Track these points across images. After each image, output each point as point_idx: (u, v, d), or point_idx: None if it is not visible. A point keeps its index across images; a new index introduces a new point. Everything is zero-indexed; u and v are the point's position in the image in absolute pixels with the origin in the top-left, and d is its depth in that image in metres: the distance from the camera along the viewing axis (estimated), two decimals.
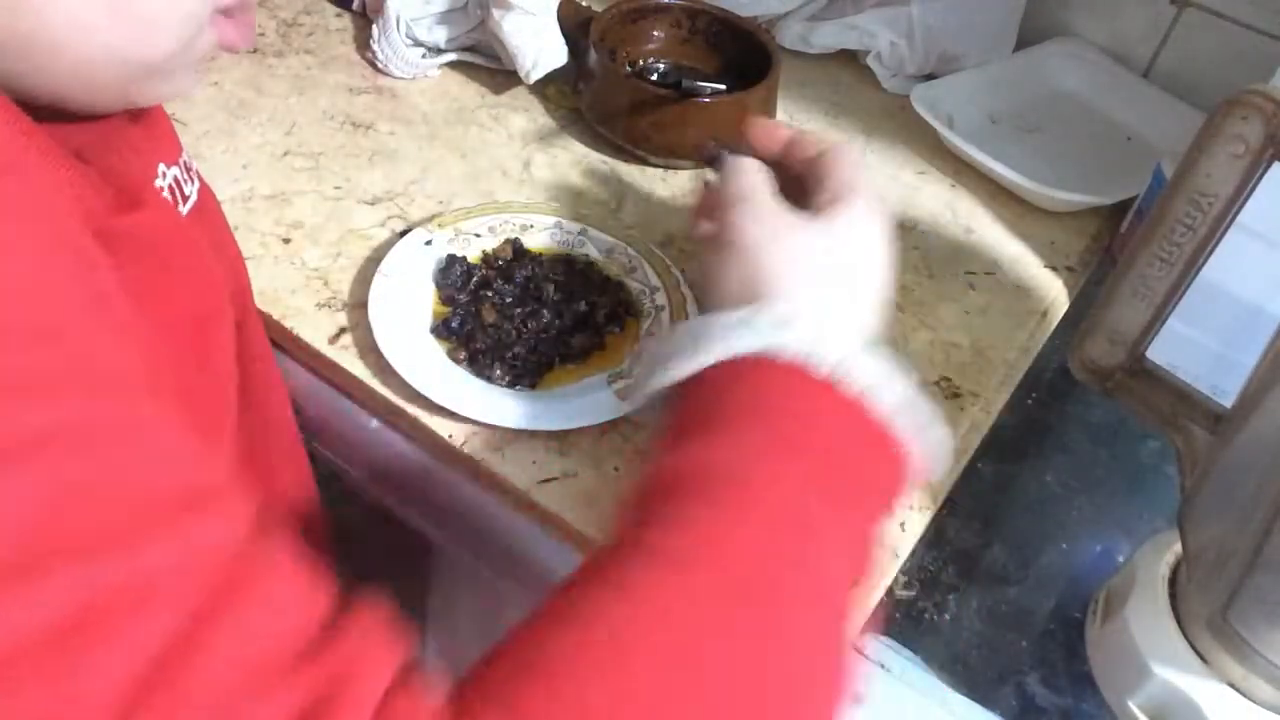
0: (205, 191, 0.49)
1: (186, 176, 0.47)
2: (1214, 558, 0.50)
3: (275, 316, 0.64)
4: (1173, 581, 0.55)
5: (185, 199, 0.46)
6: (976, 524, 0.65)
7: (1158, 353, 0.55)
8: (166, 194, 0.45)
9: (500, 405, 0.58)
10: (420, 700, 0.30)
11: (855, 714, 0.55)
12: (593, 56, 0.80)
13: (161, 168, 0.45)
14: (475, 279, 0.65)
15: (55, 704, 0.26)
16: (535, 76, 0.80)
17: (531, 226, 0.69)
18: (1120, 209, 0.80)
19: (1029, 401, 0.72)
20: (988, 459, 0.66)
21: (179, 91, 0.41)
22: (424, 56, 0.85)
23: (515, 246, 0.68)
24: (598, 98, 0.80)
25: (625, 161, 0.80)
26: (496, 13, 0.79)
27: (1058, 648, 0.60)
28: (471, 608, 0.83)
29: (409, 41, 0.84)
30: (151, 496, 0.29)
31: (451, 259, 0.65)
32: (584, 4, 0.88)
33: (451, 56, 0.86)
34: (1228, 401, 0.52)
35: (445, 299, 0.64)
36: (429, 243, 0.67)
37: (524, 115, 0.83)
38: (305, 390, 0.63)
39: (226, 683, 0.27)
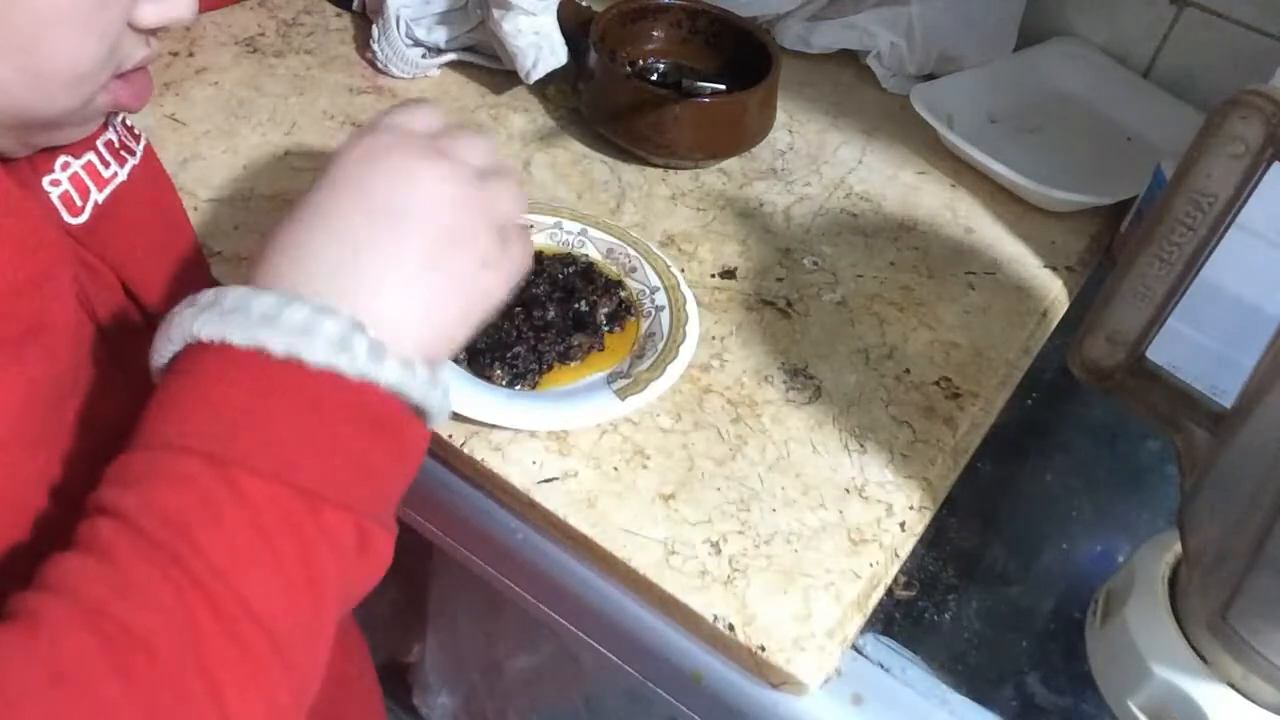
0: (141, 172, 0.49)
1: (110, 156, 0.47)
2: (1214, 558, 0.50)
3: None
4: (1173, 581, 0.55)
5: (103, 184, 0.46)
6: (976, 524, 0.65)
7: (1158, 353, 0.55)
8: (58, 198, 0.44)
9: (500, 405, 0.58)
10: None
11: (856, 714, 0.55)
12: (593, 56, 0.80)
13: (64, 160, 0.44)
14: None
15: None
16: (535, 76, 0.80)
17: (531, 226, 0.69)
18: (1120, 209, 0.80)
19: (1029, 401, 0.72)
20: (988, 459, 0.66)
21: (73, 139, 0.44)
22: (424, 56, 0.85)
23: None
24: (598, 98, 0.80)
25: (625, 161, 0.80)
26: (496, 13, 0.79)
27: (1058, 648, 0.60)
28: (471, 608, 0.83)
29: (409, 41, 0.84)
30: None
31: None
32: (584, 4, 0.88)
33: (451, 56, 0.86)
34: (1228, 401, 0.52)
35: None
36: None
37: (524, 115, 0.84)
38: None
39: None
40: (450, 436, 0.59)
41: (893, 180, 0.83)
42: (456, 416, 0.58)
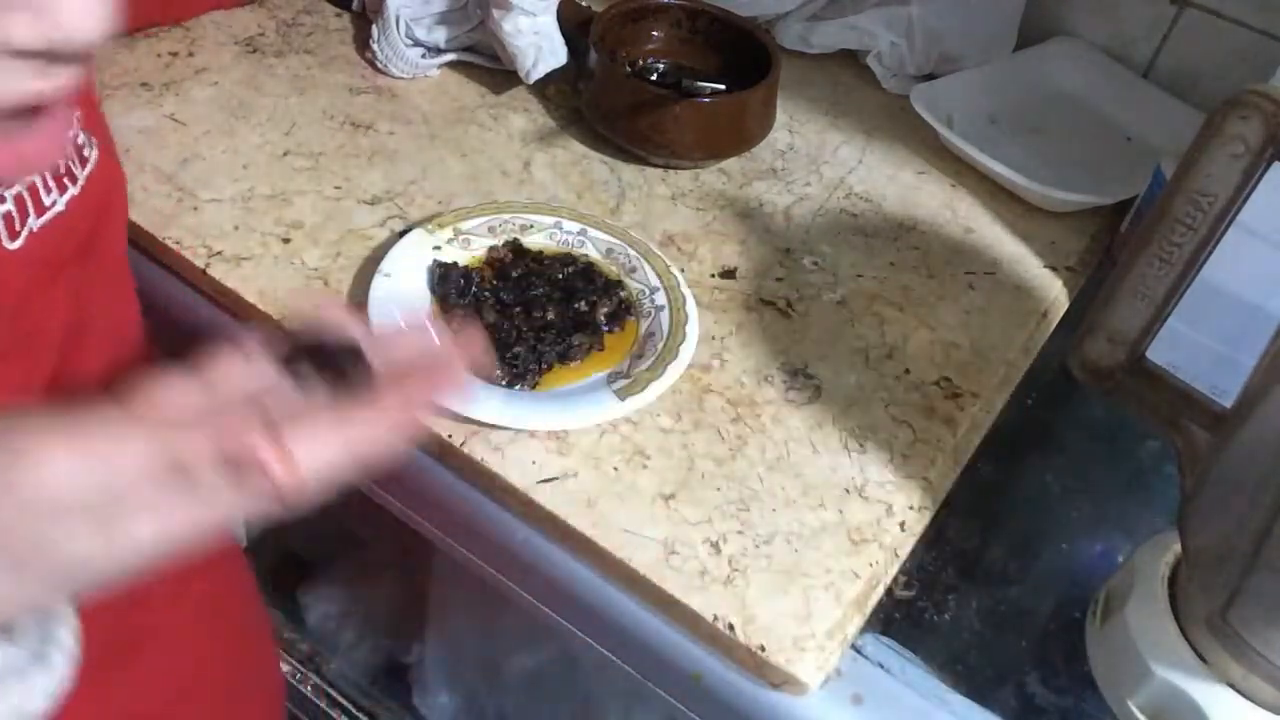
0: (79, 205, 0.44)
1: (53, 183, 0.43)
2: (1214, 558, 0.50)
3: (275, 317, 0.64)
4: (1173, 581, 0.55)
5: (42, 211, 0.42)
6: (976, 524, 0.65)
7: (1158, 353, 0.55)
8: (0, 217, 0.40)
9: (500, 405, 0.58)
10: None
11: (856, 714, 0.55)
12: (593, 56, 0.80)
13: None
14: (473, 283, 0.65)
15: None
16: (535, 76, 0.80)
17: (531, 226, 0.69)
18: (1120, 209, 0.80)
19: (1029, 401, 0.72)
20: (988, 459, 0.66)
21: None
22: (424, 56, 0.85)
23: (515, 246, 0.68)
24: (598, 98, 0.80)
25: (625, 161, 0.80)
26: (496, 13, 0.79)
27: (1058, 648, 0.60)
28: (471, 608, 0.83)
29: (409, 41, 0.84)
30: None
31: (446, 268, 0.65)
32: (584, 4, 0.88)
33: (451, 56, 0.86)
34: (1228, 401, 0.52)
35: (443, 304, 0.64)
36: (436, 248, 0.67)
37: (524, 115, 0.83)
38: None
39: None
40: (450, 436, 0.59)
41: (893, 180, 0.83)
42: (456, 416, 0.58)
